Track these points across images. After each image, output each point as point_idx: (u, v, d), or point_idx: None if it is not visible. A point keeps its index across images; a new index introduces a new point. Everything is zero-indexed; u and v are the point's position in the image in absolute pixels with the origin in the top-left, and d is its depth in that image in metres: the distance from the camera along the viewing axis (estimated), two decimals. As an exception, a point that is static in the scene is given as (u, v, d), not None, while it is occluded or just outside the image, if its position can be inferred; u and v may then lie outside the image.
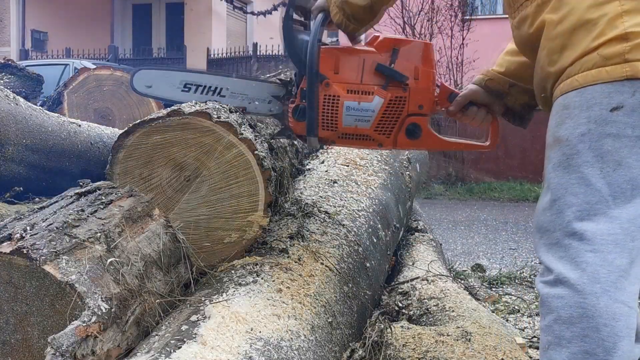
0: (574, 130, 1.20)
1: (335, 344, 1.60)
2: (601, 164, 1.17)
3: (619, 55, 1.15)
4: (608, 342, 1.13)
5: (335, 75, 1.64)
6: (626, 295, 1.15)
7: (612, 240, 1.16)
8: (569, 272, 1.18)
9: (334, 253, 1.84)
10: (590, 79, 1.18)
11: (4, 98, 2.29)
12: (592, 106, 1.18)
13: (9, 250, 1.23)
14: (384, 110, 1.64)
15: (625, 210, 1.16)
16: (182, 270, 1.58)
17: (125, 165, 1.69)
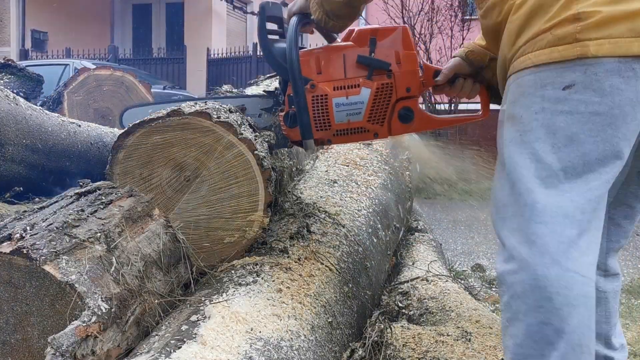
0: (528, 109, 1.23)
1: (335, 344, 1.60)
2: (553, 140, 1.20)
3: (570, 35, 1.18)
4: (562, 310, 1.15)
5: (318, 75, 1.65)
6: (578, 265, 1.16)
7: (562, 213, 1.18)
8: (520, 246, 1.20)
9: (334, 253, 1.84)
10: (543, 57, 1.21)
11: (4, 98, 2.29)
12: (545, 85, 1.21)
13: (9, 250, 1.23)
14: (373, 99, 1.64)
15: (575, 184, 1.18)
16: (182, 270, 1.58)
17: (125, 166, 1.69)
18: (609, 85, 1.16)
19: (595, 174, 1.19)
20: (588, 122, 1.18)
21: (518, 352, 1.19)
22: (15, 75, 4.66)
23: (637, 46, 1.15)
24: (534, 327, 1.17)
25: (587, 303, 1.16)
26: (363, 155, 2.61)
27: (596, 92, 1.17)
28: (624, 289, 3.23)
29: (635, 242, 5.02)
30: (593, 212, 1.19)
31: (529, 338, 1.17)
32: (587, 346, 1.16)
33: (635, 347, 2.28)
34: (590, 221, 1.19)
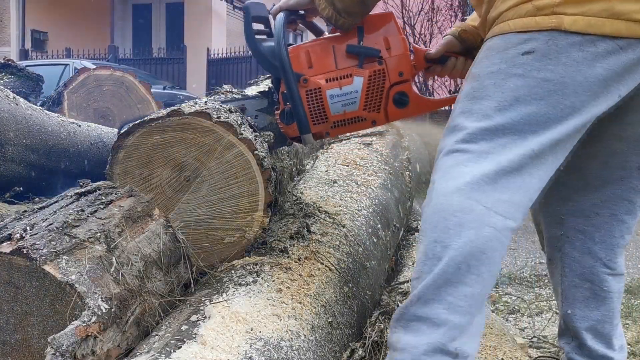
0: (486, 68, 1.29)
1: (335, 344, 1.60)
2: (500, 98, 1.25)
3: (549, 7, 1.22)
4: (453, 230, 1.20)
5: (310, 69, 1.64)
6: (486, 198, 1.21)
7: (486, 156, 1.23)
8: (440, 180, 1.27)
9: (334, 253, 1.84)
10: (522, 25, 1.25)
11: (4, 98, 2.29)
12: (508, 49, 1.26)
13: (9, 250, 1.23)
14: (366, 87, 1.64)
15: (511, 138, 1.23)
16: (182, 270, 1.58)
17: (125, 166, 1.69)
18: (566, 57, 1.22)
19: (535, 135, 1.23)
20: (537, 87, 1.23)
21: (416, 270, 1.26)
22: (15, 75, 4.66)
23: (609, 26, 1.19)
24: (430, 245, 1.23)
25: (483, 230, 1.20)
26: (363, 155, 2.61)
27: (552, 60, 1.22)
28: (624, 289, 3.23)
29: (635, 242, 5.01)
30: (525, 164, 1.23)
31: (424, 255, 1.24)
32: (476, 267, 1.19)
33: (635, 347, 2.28)
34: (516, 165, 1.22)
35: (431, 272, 1.21)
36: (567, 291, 1.57)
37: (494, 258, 1.21)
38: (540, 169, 1.25)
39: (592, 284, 1.53)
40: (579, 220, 1.52)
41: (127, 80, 4.92)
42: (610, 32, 1.19)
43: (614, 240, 1.51)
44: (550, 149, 1.24)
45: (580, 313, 1.54)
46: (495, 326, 1.90)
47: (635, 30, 1.19)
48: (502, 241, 1.22)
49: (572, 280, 1.56)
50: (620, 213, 1.50)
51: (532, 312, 2.81)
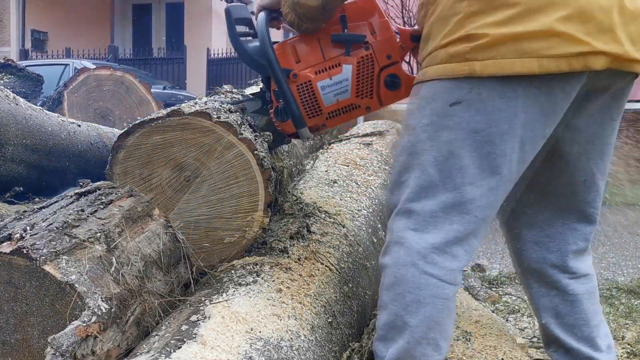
0: (420, 120, 1.33)
1: (335, 344, 1.60)
2: (436, 153, 1.29)
3: (461, 54, 1.25)
4: (411, 307, 1.29)
5: (298, 64, 1.65)
6: (437, 269, 1.29)
7: (433, 222, 1.30)
8: (393, 245, 1.33)
9: (334, 253, 1.84)
10: (440, 72, 1.29)
11: (4, 98, 2.29)
12: (436, 99, 1.30)
13: (9, 250, 1.23)
14: (356, 74, 1.64)
15: (451, 195, 1.28)
16: (182, 270, 1.58)
17: (125, 166, 1.69)
18: (491, 106, 1.24)
19: (472, 187, 1.28)
20: (468, 139, 1.26)
21: (380, 334, 1.35)
22: (15, 75, 4.65)
23: (520, 65, 1.21)
24: (390, 317, 1.32)
25: (437, 303, 1.29)
26: (363, 155, 2.61)
27: (478, 111, 1.25)
28: (624, 289, 3.23)
29: (635, 242, 5.02)
30: (468, 223, 1.29)
31: (386, 324, 1.33)
32: (434, 339, 1.30)
33: (635, 347, 2.28)
34: (462, 230, 1.29)
35: (395, 341, 1.31)
36: (538, 301, 1.60)
37: (447, 325, 1.34)
38: (482, 224, 1.32)
39: (558, 290, 1.55)
40: (534, 232, 1.54)
41: (127, 80, 4.91)
42: (521, 71, 1.21)
43: (568, 247, 1.53)
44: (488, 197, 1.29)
45: (555, 321, 1.56)
46: (495, 326, 1.90)
47: (547, 66, 1.20)
48: (450, 307, 1.33)
49: (538, 290, 1.58)
50: (572, 222, 1.52)
51: (532, 312, 2.81)
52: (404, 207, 1.33)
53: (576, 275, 1.54)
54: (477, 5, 1.23)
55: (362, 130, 3.03)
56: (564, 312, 1.55)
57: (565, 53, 1.20)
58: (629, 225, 5.97)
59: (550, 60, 1.20)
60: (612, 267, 4.11)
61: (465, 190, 1.27)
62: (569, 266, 1.54)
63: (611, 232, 5.59)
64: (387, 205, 1.43)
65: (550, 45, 1.19)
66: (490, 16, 1.22)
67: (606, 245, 4.92)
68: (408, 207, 1.32)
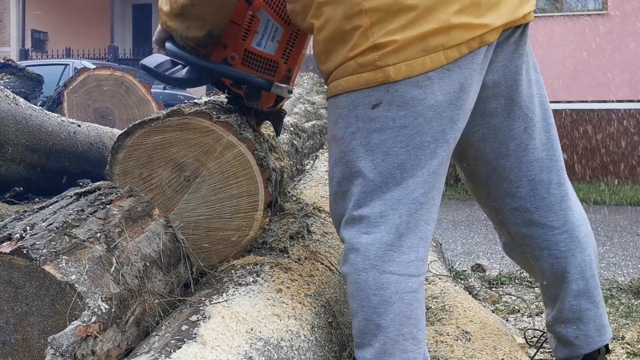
0: (346, 129, 1.34)
1: (335, 344, 1.60)
2: (372, 157, 1.31)
3: (371, 63, 1.28)
4: (379, 308, 1.30)
5: (226, 49, 1.65)
6: (396, 265, 1.30)
7: (383, 221, 1.30)
8: (349, 253, 1.34)
9: (334, 253, 1.84)
10: (352, 83, 1.31)
11: (4, 98, 2.29)
12: (357, 106, 1.31)
13: (9, 250, 1.23)
14: (270, 9, 1.62)
15: (396, 192, 1.30)
16: (182, 270, 1.58)
17: (125, 166, 1.69)
18: (410, 98, 1.27)
19: (414, 178, 1.30)
20: (398, 136, 1.29)
21: (356, 341, 1.36)
22: (15, 75, 4.66)
23: (429, 61, 1.26)
24: (362, 323, 1.33)
25: (404, 298, 1.30)
26: (363, 155, 2.61)
27: (400, 106, 1.28)
28: (624, 289, 3.23)
29: (635, 242, 5.02)
30: (416, 212, 1.31)
31: (360, 330, 1.34)
32: (410, 333, 1.30)
33: (635, 347, 2.28)
34: (411, 220, 1.31)
35: (371, 345, 1.31)
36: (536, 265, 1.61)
37: (418, 315, 1.32)
38: (431, 207, 1.35)
39: (549, 250, 1.56)
40: (507, 200, 1.56)
41: (127, 80, 4.92)
42: (433, 67, 1.26)
43: (544, 201, 1.54)
44: (432, 182, 1.32)
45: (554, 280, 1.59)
46: (495, 326, 1.90)
47: (452, 55, 1.27)
48: (419, 298, 1.33)
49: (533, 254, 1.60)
50: (535, 174, 1.53)
51: (532, 312, 2.81)
52: (352, 215, 1.34)
53: (563, 229, 1.55)
54: (376, 15, 1.26)
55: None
56: (560, 269, 1.57)
57: (464, 40, 1.27)
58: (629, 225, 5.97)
59: (453, 49, 1.26)
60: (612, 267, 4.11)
61: (407, 183, 1.30)
62: (552, 221, 1.54)
63: (611, 232, 5.59)
64: (332, 216, 1.45)
65: (451, 37, 1.26)
66: (391, 23, 1.26)
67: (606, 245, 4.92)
68: (356, 214, 1.33)
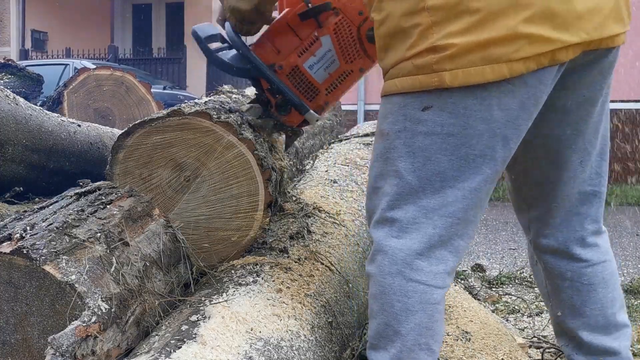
0: (393, 127, 1.30)
1: (335, 344, 1.60)
2: (412, 159, 1.27)
3: (428, 66, 1.22)
4: (401, 315, 1.28)
5: (279, 55, 1.65)
6: (423, 275, 1.28)
7: (415, 228, 1.28)
8: (377, 254, 1.31)
9: (334, 253, 1.84)
10: (407, 85, 1.27)
11: (4, 98, 2.29)
12: (407, 105, 1.28)
13: (9, 250, 1.23)
14: (337, 41, 1.64)
15: (432, 200, 1.27)
16: (182, 270, 1.58)
17: (125, 166, 1.69)
18: (462, 107, 1.22)
19: (453, 190, 1.26)
20: (444, 143, 1.25)
21: (371, 342, 1.34)
22: (15, 75, 4.66)
23: (490, 72, 1.19)
24: (380, 326, 1.31)
25: (427, 309, 1.28)
26: (363, 155, 2.61)
27: (451, 114, 1.23)
28: (624, 289, 3.23)
29: (635, 242, 5.02)
30: (450, 226, 1.27)
31: (377, 333, 1.32)
32: (426, 344, 1.29)
33: (635, 347, 2.28)
34: (445, 233, 1.27)
35: (386, 350, 1.30)
36: (552, 293, 1.58)
37: (438, 327, 1.31)
38: (468, 224, 1.30)
39: (572, 282, 1.53)
40: (541, 225, 1.53)
41: (127, 80, 4.91)
42: (493, 78, 1.19)
43: (576, 234, 1.51)
44: (472, 199, 1.28)
45: (570, 312, 1.54)
46: (495, 326, 1.90)
47: (517, 69, 1.19)
48: (440, 309, 1.31)
49: (553, 281, 1.56)
50: (575, 207, 1.50)
51: (532, 312, 2.81)
52: (384, 216, 1.31)
53: (590, 263, 1.51)
54: (437, 14, 1.21)
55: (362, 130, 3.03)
56: (579, 303, 1.52)
57: (533, 54, 1.19)
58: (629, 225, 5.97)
59: (519, 62, 1.19)
60: (612, 267, 4.10)
61: (446, 193, 1.26)
62: (580, 255, 1.51)
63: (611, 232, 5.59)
64: (365, 210, 1.42)
65: (517, 48, 1.18)
66: (453, 25, 1.20)
67: (606, 245, 4.90)
68: (388, 216, 1.31)
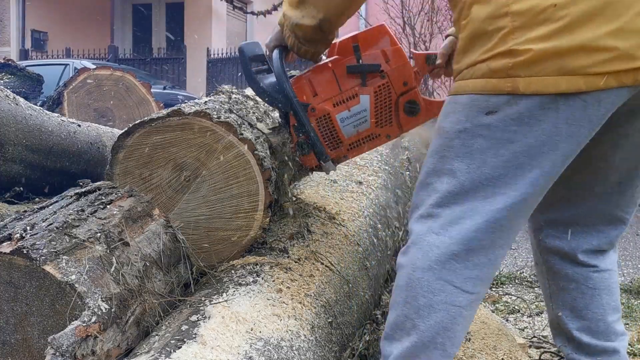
0: (454, 125, 1.29)
1: (335, 344, 1.60)
2: (469, 161, 1.26)
3: (503, 70, 1.20)
4: (423, 311, 1.27)
5: (315, 97, 1.64)
6: (455, 277, 1.27)
7: (457, 228, 1.26)
8: (412, 246, 1.31)
9: (334, 253, 1.84)
10: (479, 87, 1.25)
11: (4, 98, 2.29)
12: (472, 106, 1.26)
13: (9, 250, 1.23)
14: (374, 104, 1.64)
15: (480, 203, 1.25)
16: (182, 270, 1.58)
17: (125, 166, 1.69)
18: (528, 116, 1.20)
19: (503, 197, 1.24)
20: (502, 149, 1.23)
21: (387, 332, 1.34)
22: (15, 75, 4.66)
23: (564, 83, 1.16)
24: (400, 317, 1.31)
25: (450, 310, 1.27)
26: (363, 155, 2.60)
27: (515, 120, 1.21)
28: (624, 289, 3.23)
29: (635, 242, 5.02)
30: (493, 232, 1.25)
31: (394, 324, 1.32)
32: (442, 344, 1.27)
33: (635, 347, 2.28)
34: (487, 239, 1.26)
35: (400, 342, 1.30)
36: (555, 294, 1.57)
37: (458, 331, 1.29)
38: (510, 234, 1.29)
39: (577, 284, 1.53)
40: (559, 228, 1.52)
41: (127, 80, 4.91)
42: (567, 89, 1.16)
43: (591, 247, 1.51)
44: (520, 208, 1.26)
45: (571, 314, 1.54)
46: (495, 326, 1.90)
47: (594, 83, 1.15)
48: (465, 315, 1.29)
49: (557, 282, 1.56)
50: (600, 225, 1.50)
51: (532, 312, 2.81)
52: (430, 211, 1.30)
53: (597, 269, 1.52)
54: (520, 20, 1.18)
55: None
56: (581, 306, 1.53)
57: (614, 70, 1.13)
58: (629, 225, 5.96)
59: (598, 77, 1.14)
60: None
61: (496, 199, 1.24)
62: (588, 261, 1.51)
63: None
64: (412, 202, 1.39)
65: (597, 61, 1.13)
66: (534, 31, 1.16)
67: (606, 245, 4.91)
68: (434, 212, 1.29)
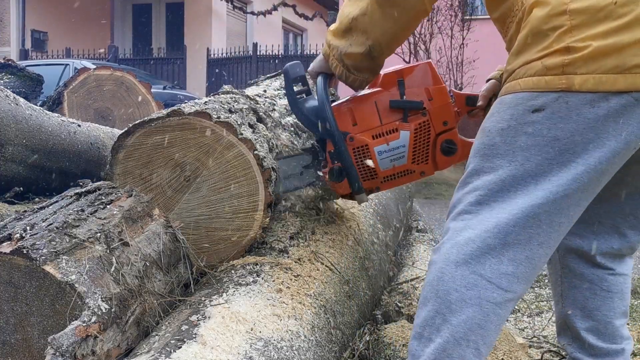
0: (496, 124, 1.27)
1: (335, 344, 1.60)
2: (511, 157, 1.24)
3: (558, 67, 1.19)
4: (455, 305, 1.24)
5: (354, 127, 1.64)
6: (490, 272, 1.23)
7: (495, 221, 1.23)
8: (446, 243, 1.29)
9: (334, 253, 1.84)
10: (531, 85, 1.23)
11: (4, 98, 2.28)
12: (518, 105, 1.24)
13: (9, 250, 1.23)
14: (413, 141, 1.64)
15: (521, 200, 1.22)
16: (182, 270, 1.58)
17: (125, 166, 1.69)
18: (577, 114, 1.18)
19: (545, 193, 1.21)
20: (547, 146, 1.21)
21: (416, 331, 1.29)
22: (15, 75, 4.65)
23: (622, 82, 1.14)
24: (430, 313, 1.26)
25: (483, 305, 1.23)
26: (363, 155, 2.60)
27: (562, 118, 1.19)
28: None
29: (635, 242, 5.01)
30: (531, 227, 1.22)
31: (424, 321, 1.27)
32: (474, 342, 1.23)
33: (635, 347, 2.28)
34: (522, 235, 1.22)
35: (430, 340, 1.25)
36: (567, 292, 1.56)
37: (491, 330, 1.25)
38: (551, 233, 1.24)
39: (592, 284, 1.52)
40: (580, 226, 1.47)
41: (127, 80, 4.91)
42: (625, 88, 1.14)
43: (611, 249, 1.50)
44: (562, 206, 1.22)
45: (581, 313, 1.53)
46: (495, 326, 1.90)
47: None
48: (499, 314, 1.25)
49: (571, 280, 1.55)
50: (623, 227, 1.48)
51: (532, 312, 2.81)
52: (469, 209, 1.28)
53: (613, 272, 1.51)
54: (579, 18, 1.16)
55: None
56: (592, 306, 1.52)
57: None
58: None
59: None
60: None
61: (537, 194, 1.21)
62: (605, 263, 1.51)
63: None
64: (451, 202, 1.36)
65: None
66: (593, 29, 1.15)
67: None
68: (473, 209, 1.27)
